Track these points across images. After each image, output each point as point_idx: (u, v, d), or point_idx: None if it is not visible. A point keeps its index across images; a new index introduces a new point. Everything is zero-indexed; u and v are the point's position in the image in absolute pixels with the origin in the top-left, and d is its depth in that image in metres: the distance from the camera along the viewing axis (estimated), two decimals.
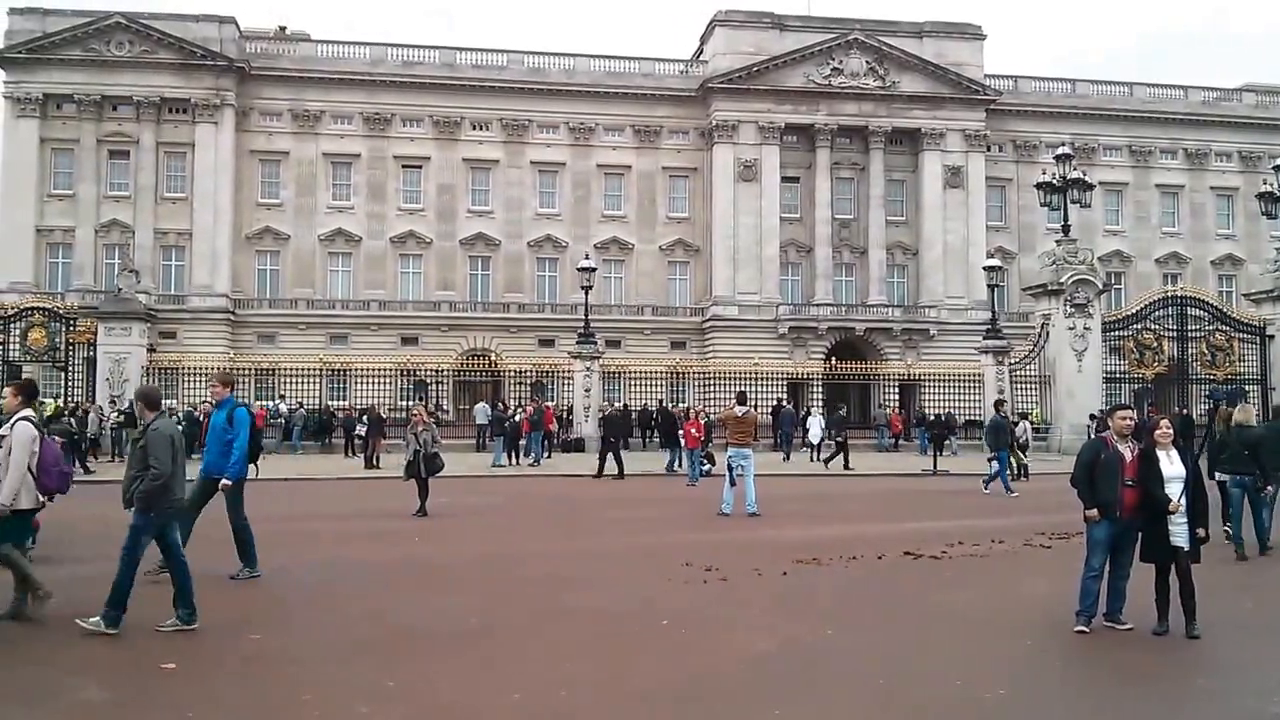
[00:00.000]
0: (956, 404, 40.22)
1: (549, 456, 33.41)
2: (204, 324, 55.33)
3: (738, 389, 23.38)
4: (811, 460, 34.07)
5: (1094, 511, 9.06)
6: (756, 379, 41.50)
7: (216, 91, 57.13)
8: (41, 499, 9.76)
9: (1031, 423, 34.21)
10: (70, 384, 36.60)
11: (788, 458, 35.12)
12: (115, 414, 32.41)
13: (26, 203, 55.53)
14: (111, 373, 34.99)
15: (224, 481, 11.38)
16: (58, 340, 35.88)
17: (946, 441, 33.97)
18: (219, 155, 57.09)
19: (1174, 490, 8.89)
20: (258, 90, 58.86)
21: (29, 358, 36.68)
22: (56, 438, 24.15)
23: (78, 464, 28.11)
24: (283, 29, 64.31)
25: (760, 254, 59.87)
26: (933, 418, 37.07)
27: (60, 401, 35.58)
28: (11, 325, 36.06)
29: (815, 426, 36.17)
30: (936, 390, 42.40)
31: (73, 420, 28.67)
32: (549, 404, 37.84)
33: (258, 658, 8.17)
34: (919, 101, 61.77)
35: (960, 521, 17.29)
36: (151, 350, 38.80)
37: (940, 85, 61.86)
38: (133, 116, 56.68)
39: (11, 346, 36.00)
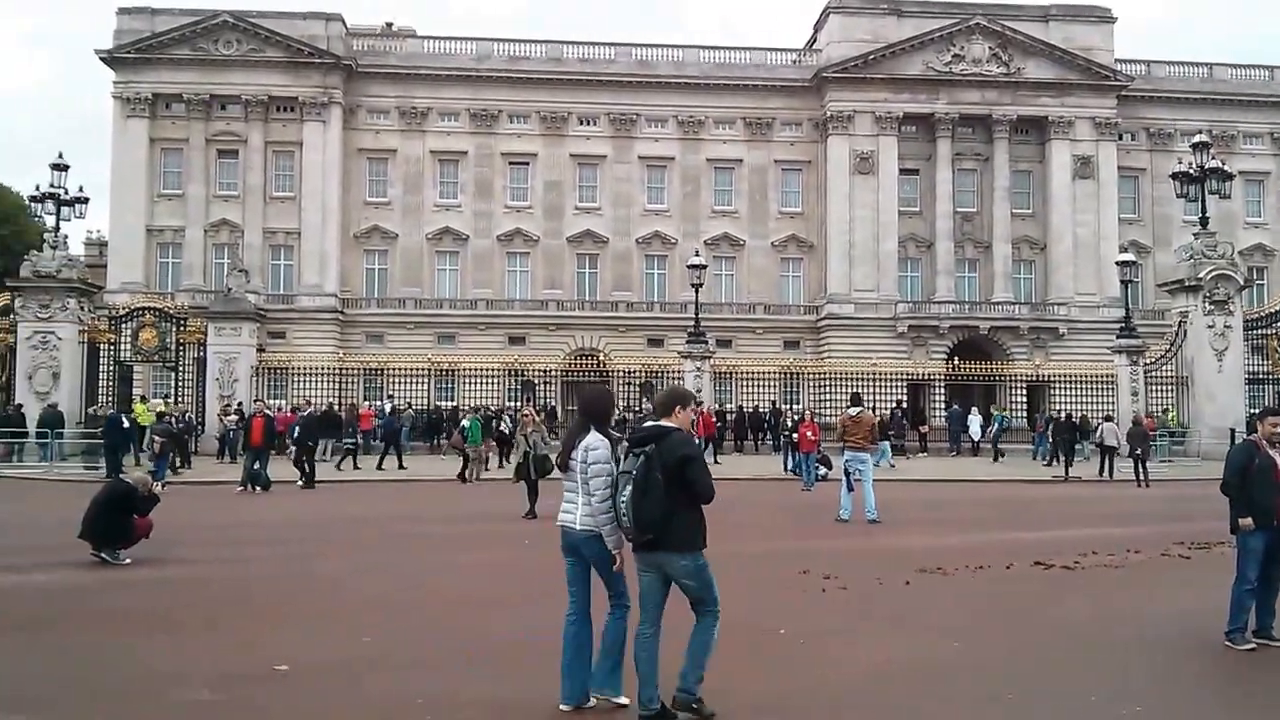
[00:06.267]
0: (1089, 406, 38.19)
1: None
2: (313, 324, 55.04)
3: (852, 390, 23.01)
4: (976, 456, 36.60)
5: (1249, 520, 8.63)
6: (874, 380, 40.64)
7: (324, 89, 56.84)
8: None
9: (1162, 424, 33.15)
10: (180, 384, 36.22)
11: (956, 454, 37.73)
12: (231, 414, 32.07)
13: (137, 203, 55.80)
14: (221, 373, 34.87)
15: None
16: (168, 340, 35.66)
17: (1078, 446, 32.59)
18: (326, 154, 56.81)
19: None
20: (364, 88, 58.48)
21: (140, 358, 36.65)
22: (157, 437, 24.03)
23: (182, 463, 27.63)
24: (389, 25, 64.05)
25: (878, 249, 57.76)
26: (1062, 420, 35.04)
27: (170, 401, 35.36)
28: (123, 325, 35.92)
29: (974, 425, 38.03)
30: (1066, 392, 40.75)
31: (174, 420, 27.95)
32: None
33: (370, 661, 8.17)
34: (1045, 88, 58.99)
35: (1093, 530, 16.67)
36: (261, 350, 38.50)
37: (1068, 71, 59.06)
38: (241, 116, 56.68)
39: (123, 346, 35.80)
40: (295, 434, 25.30)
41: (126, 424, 26.83)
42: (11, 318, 33.08)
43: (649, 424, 6.74)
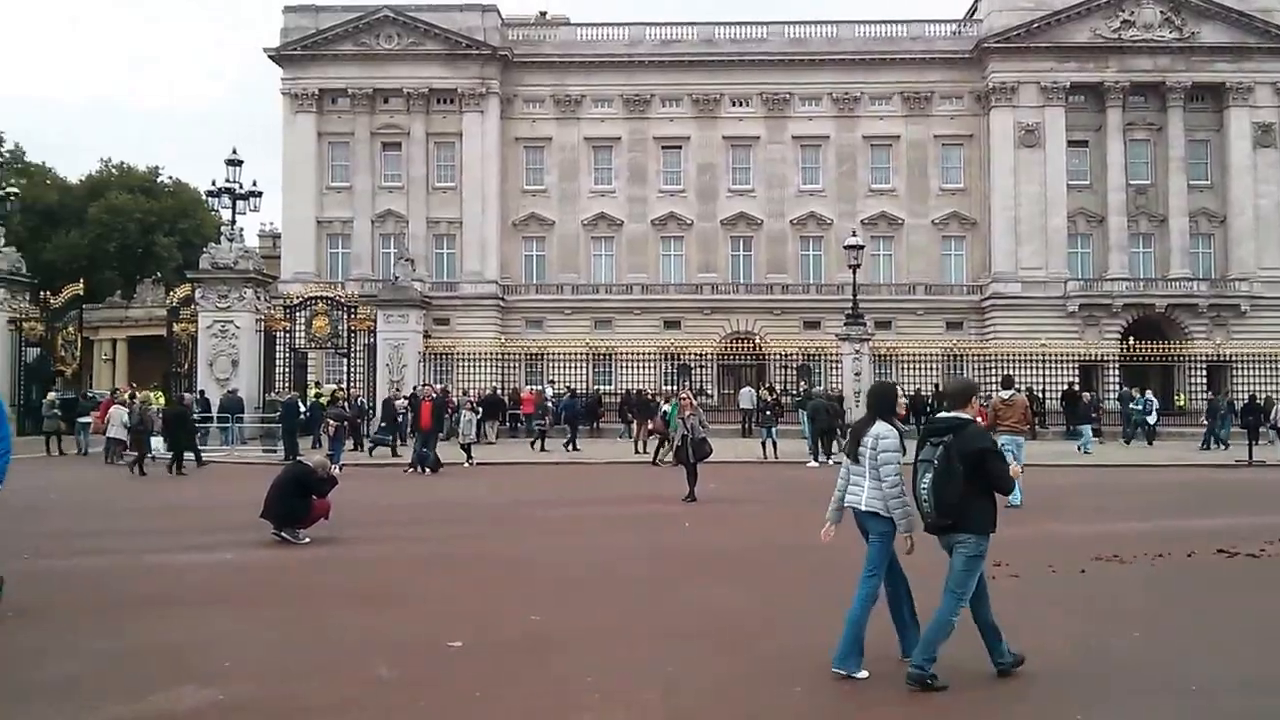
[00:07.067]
0: (1275, 387, 36.34)
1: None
2: (475, 310, 56.29)
3: (1018, 372, 21.99)
4: (1150, 444, 33.63)
5: None
6: (1043, 361, 39.01)
7: (481, 80, 57.88)
8: None
9: None
10: (352, 370, 37.35)
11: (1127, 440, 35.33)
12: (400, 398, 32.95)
13: (307, 196, 57.92)
14: (390, 358, 35.65)
15: None
16: (340, 328, 36.59)
17: (1261, 429, 31.05)
18: (485, 144, 57.90)
19: None
20: (520, 77, 59.32)
21: (313, 344, 37.73)
22: (331, 421, 24.77)
23: (355, 445, 28.45)
24: (543, 14, 64.74)
25: (1045, 225, 55.85)
26: (1245, 402, 33.23)
27: (341, 387, 36.48)
28: (297, 314, 37.06)
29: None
30: (1250, 372, 38.46)
31: (346, 405, 28.80)
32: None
33: (539, 639, 8.35)
34: (1222, 53, 56.01)
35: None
36: (427, 336, 39.33)
37: (1245, 34, 56.00)
38: (403, 108, 58.16)
39: (297, 334, 37.03)
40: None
41: (303, 408, 27.71)
42: (193, 308, 34.56)
43: (943, 414, 7.30)
